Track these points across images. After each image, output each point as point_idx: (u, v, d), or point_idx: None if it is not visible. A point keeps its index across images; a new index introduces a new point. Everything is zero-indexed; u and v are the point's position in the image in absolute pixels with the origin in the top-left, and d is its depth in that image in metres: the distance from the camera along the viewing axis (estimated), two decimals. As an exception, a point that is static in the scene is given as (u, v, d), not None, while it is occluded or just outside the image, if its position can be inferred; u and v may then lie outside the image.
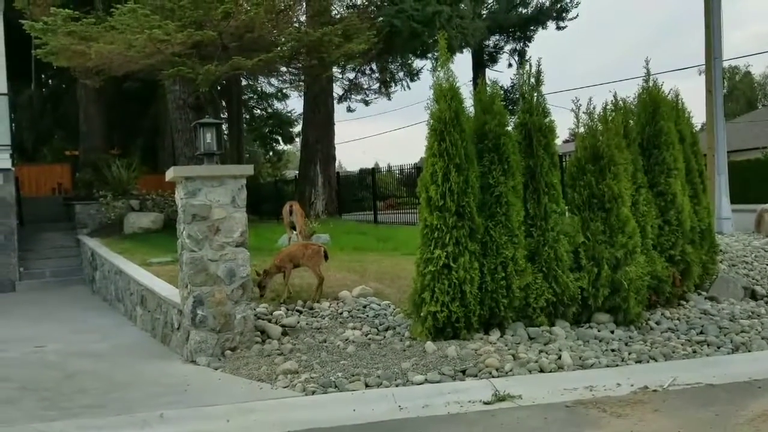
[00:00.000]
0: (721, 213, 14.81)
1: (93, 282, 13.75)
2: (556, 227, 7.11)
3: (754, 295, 9.10)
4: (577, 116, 7.61)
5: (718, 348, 6.71)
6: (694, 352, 6.60)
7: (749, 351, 6.67)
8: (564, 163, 12.11)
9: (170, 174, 6.97)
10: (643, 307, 7.45)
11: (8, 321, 10.72)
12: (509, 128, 7.17)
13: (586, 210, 7.39)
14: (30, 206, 18.84)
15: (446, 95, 6.74)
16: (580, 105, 7.59)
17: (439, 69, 6.89)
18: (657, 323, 7.46)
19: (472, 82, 32.61)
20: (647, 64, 8.39)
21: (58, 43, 11.78)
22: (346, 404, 5.31)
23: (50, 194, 22.26)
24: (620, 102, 8.06)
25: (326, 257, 8.35)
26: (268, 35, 12.47)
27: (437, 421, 5.01)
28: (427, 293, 6.66)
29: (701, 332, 7.18)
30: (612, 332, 7.06)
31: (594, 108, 7.59)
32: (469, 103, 7.16)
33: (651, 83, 8.43)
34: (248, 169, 7.20)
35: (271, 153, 33.39)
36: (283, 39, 12.71)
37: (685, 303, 8.21)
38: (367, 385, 5.69)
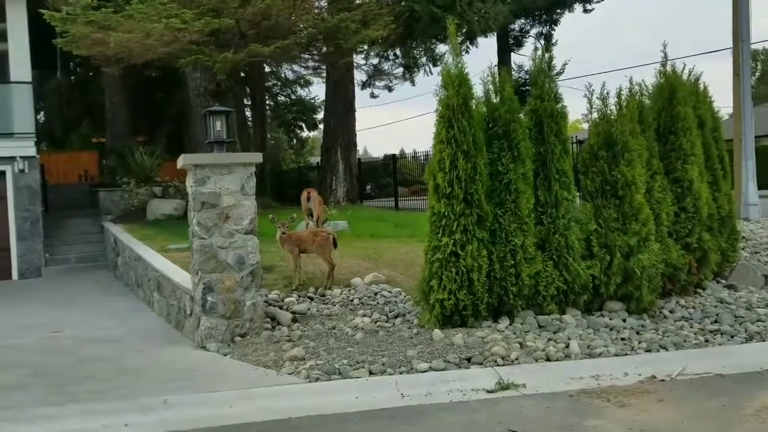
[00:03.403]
0: (748, 199, 14.57)
1: (116, 268, 13.93)
2: (567, 214, 7.03)
3: (775, 283, 8.94)
4: (590, 102, 7.49)
5: (732, 337, 6.60)
6: (707, 341, 6.50)
7: (763, 341, 6.55)
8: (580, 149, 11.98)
9: (180, 162, 7.02)
10: (656, 296, 7.34)
11: (31, 306, 10.91)
12: (520, 115, 7.08)
13: (599, 197, 7.29)
14: (56, 193, 19.14)
15: (454, 82, 6.68)
16: (593, 90, 7.48)
17: (448, 55, 6.82)
18: (671, 312, 7.36)
19: (497, 67, 32.46)
20: (664, 48, 8.23)
21: (78, 32, 11.90)
22: (348, 391, 5.33)
23: (77, 181, 22.58)
24: (636, 87, 7.92)
25: (335, 245, 8.35)
26: (285, 22, 12.46)
27: (438, 409, 5.00)
28: (434, 281, 6.63)
29: (715, 321, 7.07)
30: (624, 321, 6.98)
31: (608, 93, 7.46)
32: (480, 90, 7.10)
33: (669, 67, 8.26)
34: (257, 157, 7.21)
35: (295, 140, 33.45)
36: (301, 26, 12.68)
37: (701, 291, 8.08)
38: (371, 373, 5.69)
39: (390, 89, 26.84)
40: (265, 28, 12.58)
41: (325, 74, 19.96)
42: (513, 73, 33.08)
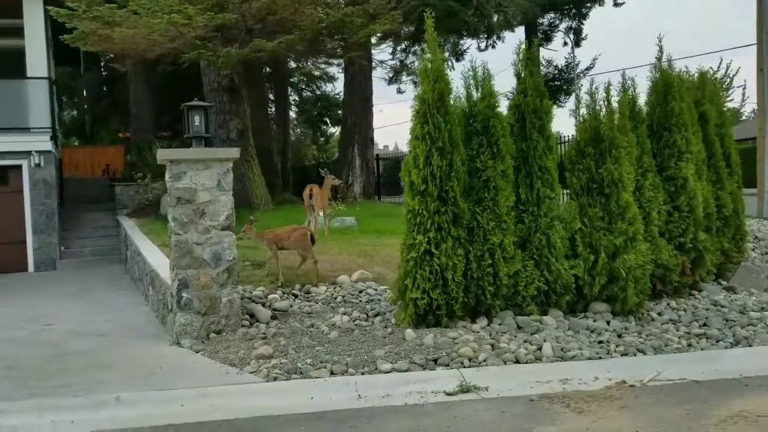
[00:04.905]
0: (770, 197, 14.19)
1: (126, 262, 14.06)
2: (549, 213, 6.85)
3: (782, 286, 8.62)
4: (577, 97, 7.28)
5: (717, 342, 6.35)
6: (689, 345, 6.26)
7: (750, 346, 6.29)
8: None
9: (158, 157, 7.00)
10: (644, 297, 7.12)
11: (38, 299, 11.04)
12: (501, 110, 6.90)
13: (585, 195, 7.10)
14: (78, 187, 19.41)
15: (431, 76, 6.54)
16: (582, 85, 7.27)
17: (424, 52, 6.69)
18: (659, 314, 7.13)
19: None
20: (660, 42, 7.96)
21: (85, 27, 12.00)
22: (305, 392, 5.24)
23: (101, 176, 22.90)
24: (629, 82, 7.68)
25: (313, 241, 8.33)
26: (291, 17, 12.39)
27: (391, 411, 4.89)
28: (409, 279, 6.51)
29: (704, 324, 6.82)
30: (608, 323, 6.78)
31: (596, 88, 7.24)
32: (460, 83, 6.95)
33: (665, 62, 8.01)
34: (233, 153, 7.14)
35: (320, 136, 33.52)
36: (306, 20, 12.57)
37: (696, 293, 7.83)
38: (332, 373, 5.60)
39: (416, 84, 26.64)
40: (271, 23, 12.53)
41: (343, 69, 19.91)
42: (541, 68, 32.76)
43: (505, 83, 7.53)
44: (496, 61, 8.70)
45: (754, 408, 4.74)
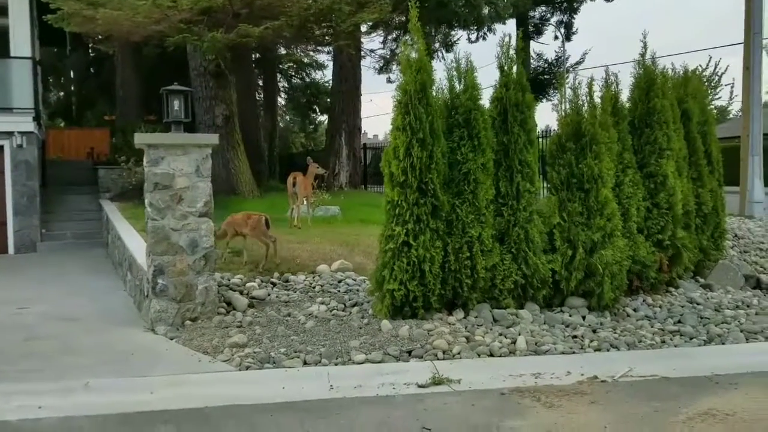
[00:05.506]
0: (753, 196, 14.26)
1: (108, 246, 13.97)
2: (529, 207, 6.84)
3: (759, 284, 8.68)
4: (561, 92, 7.27)
5: (691, 339, 6.39)
6: (663, 342, 6.30)
7: (723, 344, 6.33)
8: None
9: (136, 141, 6.93)
10: (621, 293, 7.14)
11: (16, 281, 10.95)
12: (483, 103, 6.87)
13: (564, 190, 7.10)
14: (62, 169, 19.20)
15: (413, 66, 6.49)
16: (568, 79, 7.25)
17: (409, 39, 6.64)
18: (635, 310, 7.16)
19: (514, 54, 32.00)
20: (644, 38, 7.95)
21: (69, 8, 11.87)
22: (277, 381, 5.22)
23: (85, 158, 22.70)
24: (611, 78, 7.68)
25: (267, 225, 8.36)
26: (277, 2, 12.28)
27: (362, 402, 4.88)
28: (387, 271, 6.49)
29: (679, 321, 6.87)
30: (583, 318, 6.80)
31: (579, 84, 7.23)
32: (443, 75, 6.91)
33: (648, 59, 7.99)
34: (213, 139, 7.09)
35: (309, 124, 33.37)
36: (296, 6, 12.47)
37: (673, 290, 7.86)
38: (305, 363, 5.59)
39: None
40: (258, 8, 12.42)
41: (332, 57, 19.80)
42: (532, 61, 32.78)
43: (493, 76, 7.50)
44: (487, 54, 8.73)
45: (723, 406, 4.78)
